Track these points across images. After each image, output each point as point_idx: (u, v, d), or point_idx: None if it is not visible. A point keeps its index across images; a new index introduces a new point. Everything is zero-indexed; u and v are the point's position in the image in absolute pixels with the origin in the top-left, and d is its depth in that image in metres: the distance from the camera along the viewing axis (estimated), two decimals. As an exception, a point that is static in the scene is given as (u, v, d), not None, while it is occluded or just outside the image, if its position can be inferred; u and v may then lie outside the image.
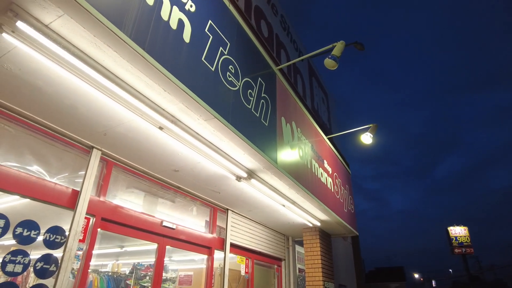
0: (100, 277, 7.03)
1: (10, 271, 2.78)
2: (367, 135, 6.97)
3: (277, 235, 7.22)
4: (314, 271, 6.46)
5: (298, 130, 5.09)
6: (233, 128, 3.27)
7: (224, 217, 5.65)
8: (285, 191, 4.90)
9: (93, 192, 3.56)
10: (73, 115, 3.06)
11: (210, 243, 5.18)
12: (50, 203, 3.17)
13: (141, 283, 7.54)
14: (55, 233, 3.15)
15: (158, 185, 4.50)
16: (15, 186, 2.92)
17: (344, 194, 7.42)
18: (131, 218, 3.94)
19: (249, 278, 6.05)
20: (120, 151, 3.72)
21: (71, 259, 3.16)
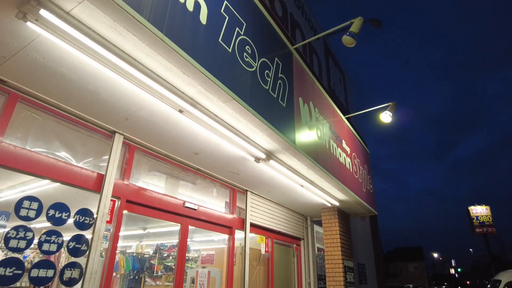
0: (126, 258, 7.35)
1: (46, 250, 2.96)
2: (386, 114, 6.84)
3: (295, 215, 7.30)
4: (333, 250, 6.54)
5: (315, 110, 5.05)
6: (251, 110, 3.28)
7: (244, 198, 5.74)
8: (303, 172, 4.92)
9: (117, 175, 3.68)
10: (95, 101, 3.13)
11: (231, 223, 5.30)
12: (78, 187, 3.30)
13: (164, 262, 7.84)
14: (84, 215, 3.30)
15: (179, 168, 4.60)
16: (46, 171, 3.05)
17: (362, 173, 7.38)
18: (154, 200, 4.07)
19: (269, 256, 6.19)
20: (141, 135, 3.80)
21: (100, 239, 3.32)
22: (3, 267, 2.65)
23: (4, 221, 5.09)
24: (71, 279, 3.09)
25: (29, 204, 2.89)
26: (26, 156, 2.93)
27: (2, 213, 5.13)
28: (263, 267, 6.10)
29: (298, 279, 7.07)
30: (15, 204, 2.84)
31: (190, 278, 5.17)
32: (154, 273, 7.49)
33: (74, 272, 3.11)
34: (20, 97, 2.98)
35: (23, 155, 2.91)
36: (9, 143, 2.85)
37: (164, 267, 7.68)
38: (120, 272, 6.99)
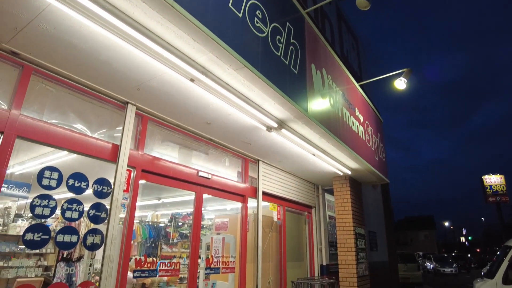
0: (142, 226, 7.63)
1: (68, 217, 3.09)
2: (401, 80, 6.66)
3: (307, 184, 7.38)
4: (344, 218, 6.64)
5: (328, 77, 4.94)
6: (263, 77, 3.23)
7: (256, 167, 5.81)
8: (315, 141, 4.91)
9: (132, 146, 3.75)
10: (107, 71, 3.13)
11: (244, 192, 5.41)
12: (94, 157, 3.39)
13: (180, 230, 8.13)
14: (102, 184, 3.40)
15: (191, 138, 4.65)
16: (63, 142, 3.13)
17: (375, 142, 7.33)
18: (169, 169, 4.15)
19: (281, 223, 6.35)
20: (153, 105, 3.82)
21: (118, 207, 3.44)
22: (31, 233, 2.79)
23: (25, 193, 5.31)
24: (93, 244, 3.24)
25: (50, 174, 2.99)
26: (44, 128, 3.00)
27: (24, 184, 5.35)
28: (276, 233, 6.27)
29: (309, 245, 7.27)
30: (37, 174, 2.94)
31: (205, 244, 5.37)
32: (170, 240, 7.79)
33: (96, 237, 3.26)
34: (33, 69, 3.00)
35: (41, 127, 2.98)
36: (27, 115, 2.91)
37: (180, 234, 7.97)
38: (137, 240, 7.29)
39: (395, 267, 13.18)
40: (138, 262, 3.73)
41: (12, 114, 2.78)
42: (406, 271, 15.77)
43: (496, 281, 6.10)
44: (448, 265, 26.64)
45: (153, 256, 7.31)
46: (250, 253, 5.35)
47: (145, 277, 4.18)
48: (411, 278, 15.75)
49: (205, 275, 4.82)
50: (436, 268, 26.88)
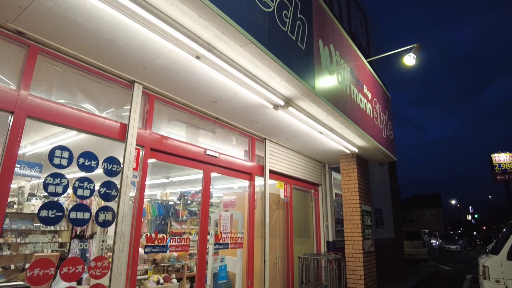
0: (152, 204, 7.80)
1: (80, 194, 3.17)
2: (410, 56, 6.52)
3: (313, 162, 7.40)
4: (351, 195, 6.69)
5: (336, 53, 4.85)
6: (269, 53, 3.19)
7: (262, 146, 5.82)
8: (323, 118, 4.88)
9: (140, 124, 3.78)
10: (113, 50, 3.12)
11: (251, 170, 5.46)
12: (103, 136, 3.43)
13: (189, 208, 8.30)
14: (111, 162, 3.46)
15: (198, 117, 4.66)
16: (72, 121, 3.16)
17: (383, 120, 7.26)
18: (177, 147, 4.19)
19: (288, 201, 6.43)
20: (160, 84, 3.81)
21: (128, 185, 3.50)
22: (46, 210, 2.88)
23: (37, 173, 5.43)
24: (105, 221, 3.34)
25: (60, 153, 3.04)
26: (53, 107, 3.03)
27: (36, 164, 5.46)
28: (283, 210, 6.37)
29: (316, 222, 7.37)
30: (48, 153, 2.99)
31: (214, 221, 5.48)
32: (179, 217, 7.98)
33: (107, 215, 3.35)
34: (39, 49, 3.00)
35: (50, 107, 3.01)
36: (35, 95, 2.93)
37: (189, 212, 8.14)
38: (147, 218, 7.48)
39: (401, 244, 13.36)
40: (149, 238, 3.84)
41: (21, 94, 2.80)
42: (411, 248, 15.98)
43: (501, 257, 6.16)
44: (453, 242, 26.91)
45: (163, 233, 7.51)
46: (258, 230, 5.46)
47: (156, 252, 4.31)
48: (417, 255, 15.98)
49: (214, 250, 4.95)
50: (441, 245, 27.17)
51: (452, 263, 17.41)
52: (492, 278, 6.05)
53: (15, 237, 5.96)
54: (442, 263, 16.88)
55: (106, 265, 3.21)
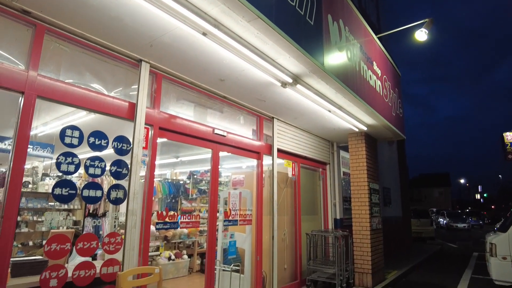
0: (162, 183, 7.94)
1: (92, 173, 3.24)
2: (422, 31, 6.33)
3: (321, 141, 7.38)
4: (359, 173, 6.70)
5: (345, 29, 4.73)
6: (277, 29, 3.12)
7: (270, 125, 5.81)
8: (331, 96, 4.82)
9: (148, 104, 3.79)
10: (119, 28, 3.09)
11: (259, 149, 5.48)
12: (112, 115, 3.46)
13: (198, 186, 8.43)
14: (121, 141, 3.50)
15: (206, 96, 4.64)
16: (82, 101, 3.18)
17: (393, 97, 7.15)
18: (185, 127, 4.21)
19: (296, 179, 6.47)
20: (167, 62, 3.79)
21: (139, 164, 3.56)
22: (59, 188, 2.95)
23: (49, 153, 5.54)
24: (117, 198, 3.42)
25: (71, 132, 3.09)
26: (62, 87, 3.04)
27: (47, 145, 5.57)
28: (290, 189, 6.42)
29: (323, 200, 7.44)
30: (59, 132, 3.04)
31: (223, 199, 5.57)
32: (189, 196, 8.13)
33: (119, 192, 3.43)
34: (46, 28, 2.99)
35: (60, 86, 3.03)
36: (44, 75, 2.94)
37: (198, 190, 8.29)
38: (158, 196, 7.64)
39: (408, 222, 13.45)
40: (160, 215, 3.93)
41: (30, 74, 2.82)
42: (419, 226, 16.10)
43: (509, 234, 6.18)
44: (461, 221, 26.99)
45: (174, 211, 7.68)
46: (266, 207, 5.54)
47: (167, 229, 4.42)
48: (424, 233, 16.11)
49: (223, 226, 5.06)
50: (449, 224, 27.28)
51: (459, 241, 17.52)
52: (499, 255, 6.09)
53: (32, 215, 6.17)
54: (449, 241, 16.99)
55: (119, 241, 3.31)
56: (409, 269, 8.24)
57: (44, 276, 2.74)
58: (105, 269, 3.17)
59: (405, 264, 8.69)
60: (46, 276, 2.75)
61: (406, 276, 7.75)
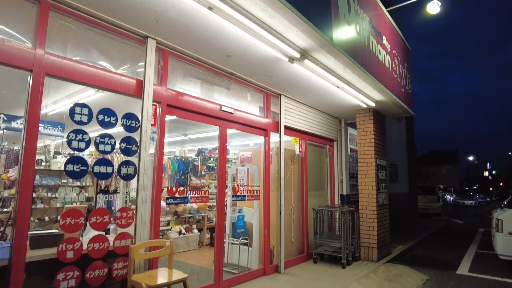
0: (171, 161, 8.05)
1: (102, 150, 3.30)
2: (434, 3, 6.12)
3: (329, 117, 7.34)
4: (366, 150, 6.69)
5: (355, 2, 4.59)
6: (284, 2, 3.05)
7: (277, 102, 5.78)
8: (340, 71, 4.75)
9: (155, 81, 3.79)
10: (124, 3, 3.05)
11: (266, 126, 5.48)
12: (120, 93, 3.47)
13: (207, 163, 8.54)
14: (130, 118, 3.54)
15: (212, 73, 4.62)
16: (89, 78, 3.20)
17: (402, 72, 7.01)
18: (192, 104, 4.22)
19: (303, 156, 6.50)
20: (173, 38, 3.75)
21: (148, 140, 3.61)
22: (71, 164, 3.03)
23: (60, 132, 5.63)
24: (127, 174, 3.49)
25: (80, 110, 3.12)
26: (69, 65, 3.05)
27: (58, 124, 5.66)
28: (298, 165, 6.47)
29: (330, 177, 7.49)
30: (68, 110, 3.07)
31: (231, 176, 5.66)
32: (198, 173, 8.26)
33: (129, 168, 3.50)
34: (50, 4, 2.96)
35: (67, 64, 3.03)
36: (51, 52, 2.95)
37: (207, 167, 8.41)
38: (168, 173, 7.78)
39: (415, 199, 13.52)
40: (170, 190, 4.02)
41: (37, 52, 2.82)
42: (425, 202, 16.18)
43: (517, 210, 6.19)
44: (468, 198, 26.98)
45: (183, 187, 7.82)
46: (274, 183, 5.61)
47: (177, 204, 4.54)
48: (430, 209, 16.20)
49: (232, 202, 5.17)
50: (455, 201, 27.32)
51: (465, 217, 17.61)
52: (505, 230, 6.13)
53: (46, 192, 6.36)
54: (455, 217, 17.09)
55: (130, 215, 3.41)
56: (414, 244, 8.37)
57: (61, 248, 2.86)
58: (118, 242, 3.29)
59: (411, 239, 8.82)
60: (63, 248, 2.87)
61: (411, 251, 7.89)
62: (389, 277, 5.33)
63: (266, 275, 5.21)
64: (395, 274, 5.54)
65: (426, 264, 6.59)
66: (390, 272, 5.65)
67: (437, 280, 5.47)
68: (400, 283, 5.11)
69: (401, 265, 6.26)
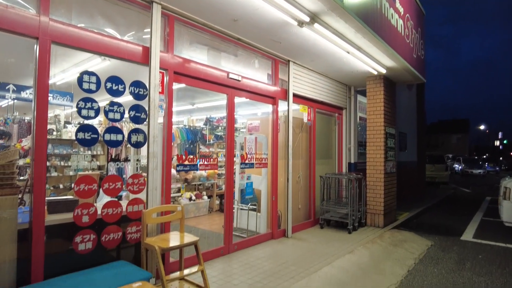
0: (180, 130, 8.11)
1: (111, 117, 3.33)
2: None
3: (338, 85, 7.21)
4: (375, 117, 6.62)
5: (367, -40, 4.35)
6: (294, -39, 2.90)
7: (286, 69, 5.68)
8: (350, 36, 4.60)
9: (162, 47, 3.74)
10: (127, -36, 2.94)
11: (274, 94, 5.43)
12: (127, 60, 3.44)
13: (215, 132, 8.59)
14: (138, 86, 3.53)
15: (219, 38, 4.52)
16: (96, 46, 3.16)
17: (415, 38, 6.76)
18: (199, 71, 4.18)
19: (311, 124, 6.48)
20: (178, 3, 3.64)
21: (156, 108, 3.62)
22: (82, 132, 3.08)
23: (69, 101, 5.66)
24: (137, 142, 3.54)
25: (88, 78, 3.12)
26: (75, 32, 3.01)
27: (66, 93, 5.67)
28: (306, 134, 6.46)
29: (338, 145, 7.49)
30: (76, 79, 3.07)
31: (239, 144, 5.70)
32: (206, 141, 8.34)
33: (139, 136, 3.54)
34: (51, -33, 2.87)
35: (73, 31, 2.99)
36: (56, 19, 2.90)
37: (215, 136, 8.47)
38: (177, 142, 7.86)
39: (423, 167, 13.50)
40: (180, 158, 4.08)
41: (42, 19, 2.78)
42: (433, 171, 16.18)
43: (526, 178, 6.16)
44: (477, 167, 26.86)
45: (192, 155, 7.95)
46: (281, 151, 5.64)
47: (187, 171, 4.62)
48: (438, 178, 16.24)
49: (240, 169, 5.25)
50: (464, 170, 27.25)
51: (473, 186, 17.63)
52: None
53: (59, 161, 6.52)
54: (463, 186, 17.14)
55: (142, 181, 3.50)
56: (420, 211, 8.48)
57: (77, 213, 2.98)
58: (130, 207, 3.40)
59: (417, 207, 8.93)
60: (78, 213, 2.99)
61: (417, 218, 8.01)
62: (394, 242, 5.47)
63: (274, 239, 5.38)
64: (400, 240, 5.67)
65: (431, 230, 6.71)
66: (396, 237, 5.78)
67: (441, 246, 5.59)
68: (405, 248, 5.24)
69: (407, 231, 6.38)
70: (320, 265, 4.17)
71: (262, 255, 4.58)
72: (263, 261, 4.33)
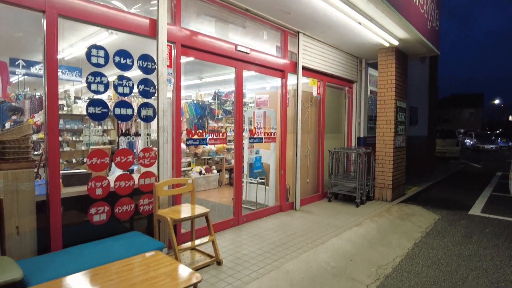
0: (188, 104, 8.11)
1: (121, 92, 3.34)
2: None
3: (349, 57, 7.04)
4: (386, 91, 6.50)
5: None
6: None
7: (295, 41, 5.55)
8: (362, 6, 4.44)
9: (169, 20, 3.67)
10: None
11: (283, 67, 5.34)
12: (135, 33, 3.41)
13: (223, 107, 8.58)
14: (146, 60, 3.51)
15: (227, 10, 4.41)
16: (103, 19, 3.12)
17: (429, 7, 6.48)
18: (207, 44, 4.12)
19: (320, 98, 6.40)
20: (184, -28, 3.54)
21: (165, 82, 3.61)
22: (92, 107, 3.11)
23: (77, 77, 5.66)
24: (147, 116, 3.57)
25: (96, 52, 3.10)
26: (82, 5, 2.96)
27: (75, 69, 5.67)
28: (315, 108, 6.40)
29: (348, 119, 7.42)
30: (85, 54, 3.06)
31: (247, 119, 5.69)
32: (215, 116, 8.34)
33: (148, 110, 3.56)
34: None
35: (79, 4, 2.94)
36: (60, -10, 2.85)
37: (224, 111, 8.46)
38: (186, 117, 7.89)
39: (433, 142, 13.36)
40: (189, 132, 4.11)
41: (47, -10, 2.74)
42: (444, 146, 16.01)
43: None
44: (489, 142, 26.40)
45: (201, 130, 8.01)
46: (290, 126, 5.62)
47: (197, 145, 4.67)
48: (448, 153, 16.08)
49: (249, 143, 5.27)
50: (475, 145, 26.83)
51: (484, 161, 17.44)
52: (524, 172, 6.09)
53: (71, 136, 6.64)
54: (474, 162, 16.96)
55: (153, 155, 3.56)
56: (429, 185, 8.48)
57: (90, 185, 3.07)
58: (142, 180, 3.48)
59: (426, 181, 8.92)
60: (92, 185, 3.07)
61: (426, 192, 8.03)
62: (402, 216, 5.52)
63: (282, 212, 5.48)
64: (408, 213, 5.72)
65: (439, 204, 6.74)
66: (403, 211, 5.83)
67: (448, 220, 5.63)
68: (412, 222, 5.30)
69: (415, 205, 6.42)
70: (327, 236, 4.27)
71: (271, 226, 4.69)
72: (271, 232, 4.44)
